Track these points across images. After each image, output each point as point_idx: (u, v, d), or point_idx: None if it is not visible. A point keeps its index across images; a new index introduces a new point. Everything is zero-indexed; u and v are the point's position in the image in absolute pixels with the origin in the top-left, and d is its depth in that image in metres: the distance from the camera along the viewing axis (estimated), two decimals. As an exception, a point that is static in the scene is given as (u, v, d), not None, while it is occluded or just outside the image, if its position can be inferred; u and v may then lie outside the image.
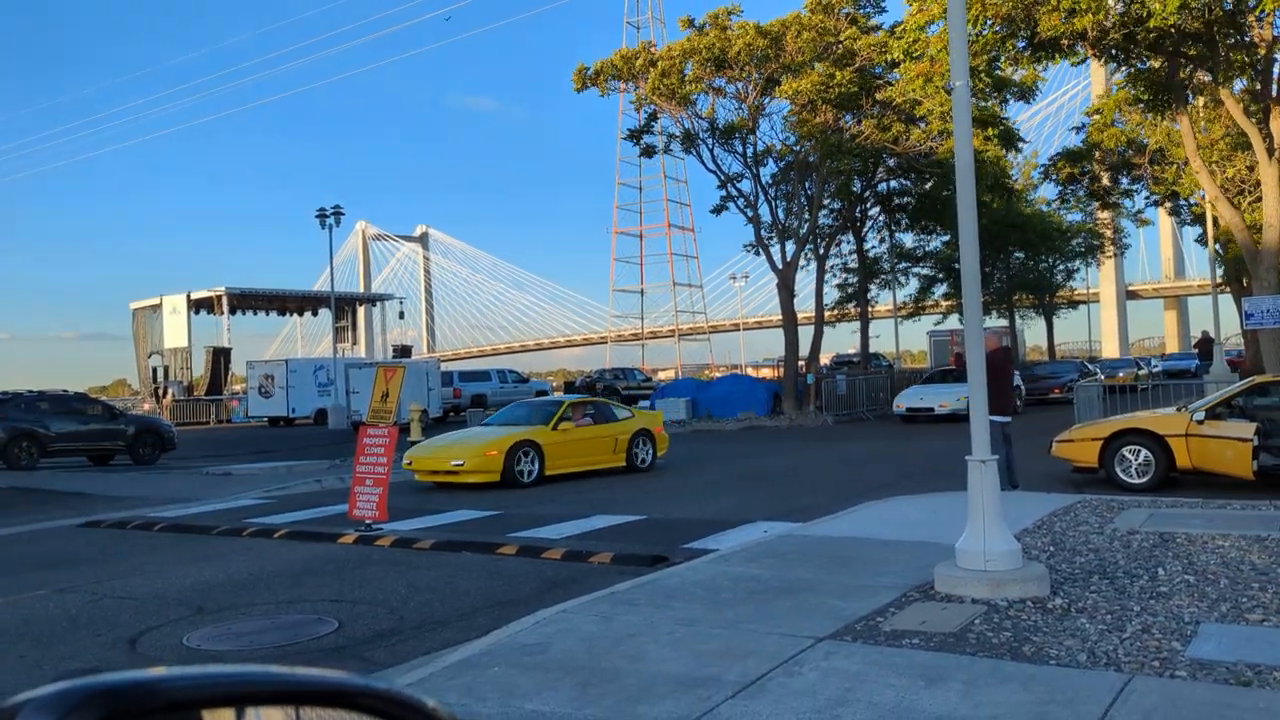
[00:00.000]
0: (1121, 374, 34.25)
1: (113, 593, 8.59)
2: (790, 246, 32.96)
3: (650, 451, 17.42)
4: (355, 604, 7.83)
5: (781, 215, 33.89)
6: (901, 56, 24.59)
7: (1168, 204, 38.45)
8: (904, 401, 22.97)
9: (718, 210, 35.15)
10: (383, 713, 0.91)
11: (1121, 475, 12.47)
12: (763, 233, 33.25)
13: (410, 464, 15.57)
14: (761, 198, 33.37)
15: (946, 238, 40.59)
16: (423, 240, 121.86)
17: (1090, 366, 38.19)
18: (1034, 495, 11.28)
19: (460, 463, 15.03)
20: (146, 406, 49.75)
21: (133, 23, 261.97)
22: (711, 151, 32.53)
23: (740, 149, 32.52)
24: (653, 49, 32.69)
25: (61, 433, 22.29)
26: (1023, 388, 28.30)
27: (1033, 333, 61.88)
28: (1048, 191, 46.37)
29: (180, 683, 0.86)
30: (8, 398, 22.69)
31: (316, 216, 40.69)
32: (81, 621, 7.58)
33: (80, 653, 6.68)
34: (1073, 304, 58.45)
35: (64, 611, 7.92)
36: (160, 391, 51.21)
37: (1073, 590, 6.66)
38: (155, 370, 53.83)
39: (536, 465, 15.34)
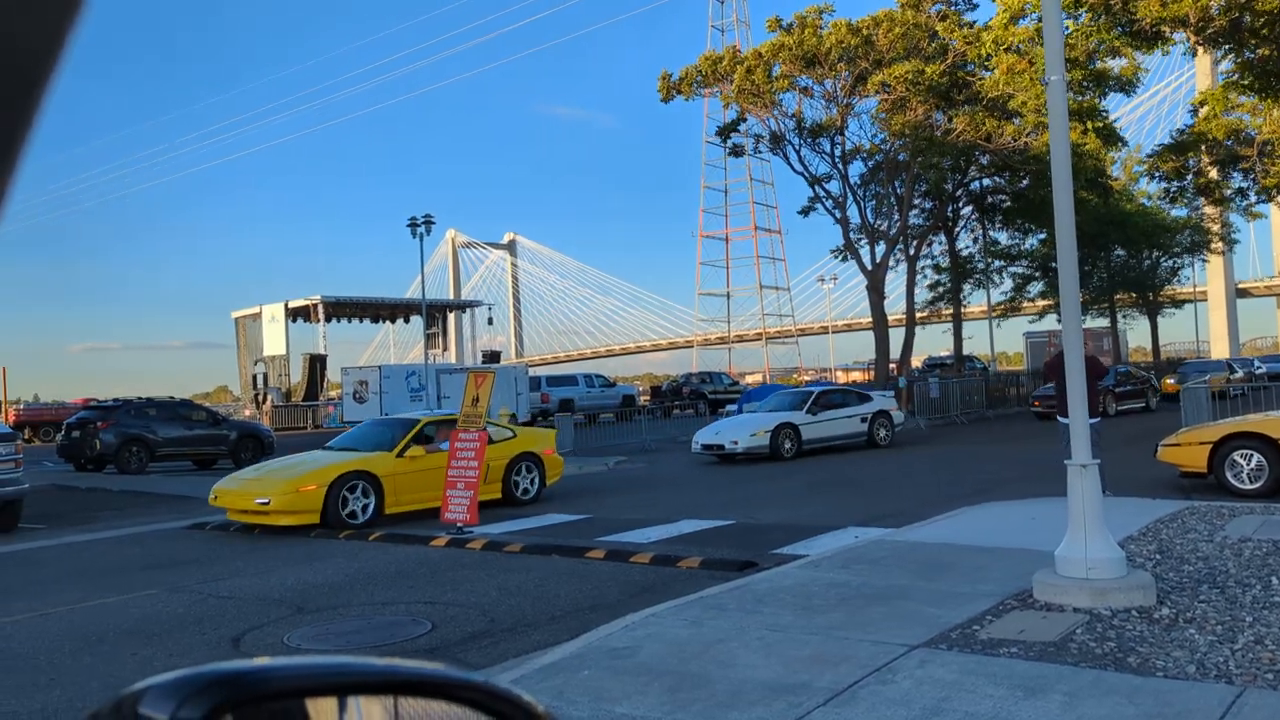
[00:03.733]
0: (1209, 377, 28.24)
1: (217, 593, 8.91)
2: (880, 247, 32.52)
3: (536, 480, 14.44)
4: (448, 606, 7.97)
5: (870, 216, 33.47)
6: (993, 49, 24.08)
7: (1278, 196, 36.73)
8: (701, 438, 21.41)
9: (805, 211, 34.90)
10: (481, 705, 0.94)
11: (1232, 480, 11.96)
12: (851, 234, 32.86)
13: (216, 499, 13.00)
14: (850, 198, 33.01)
15: (1043, 236, 39.49)
16: (510, 247, 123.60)
17: (1144, 371, 34.01)
18: (1139, 501, 10.89)
19: (266, 501, 12.20)
20: (247, 412, 51.52)
21: (237, 39, 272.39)
22: (798, 152, 32.30)
23: (828, 149, 32.22)
24: (737, 51, 32.66)
25: (168, 438, 23.24)
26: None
27: (1136, 333, 59.66)
28: (1150, 187, 44.75)
29: (288, 672, 0.95)
30: (119, 405, 23.76)
31: (408, 225, 41.60)
32: (189, 620, 7.87)
33: (188, 650, 6.94)
34: (1177, 303, 56.05)
35: (172, 611, 8.24)
36: (260, 397, 52.89)
37: (1180, 599, 6.40)
38: (255, 377, 55.62)
39: (372, 502, 12.52)
